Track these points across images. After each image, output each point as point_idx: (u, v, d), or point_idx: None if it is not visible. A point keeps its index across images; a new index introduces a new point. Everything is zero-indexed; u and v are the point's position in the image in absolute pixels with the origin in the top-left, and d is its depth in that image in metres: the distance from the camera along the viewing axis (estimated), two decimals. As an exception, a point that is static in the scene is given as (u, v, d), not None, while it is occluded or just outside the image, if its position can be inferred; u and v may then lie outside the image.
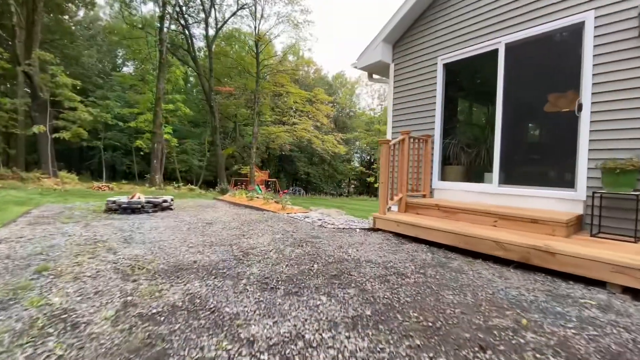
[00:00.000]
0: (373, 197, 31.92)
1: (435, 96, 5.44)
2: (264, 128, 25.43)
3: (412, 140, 5.27)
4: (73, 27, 29.27)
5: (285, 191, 7.78)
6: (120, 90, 24.47)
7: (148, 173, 20.17)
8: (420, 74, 5.68)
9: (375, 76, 6.92)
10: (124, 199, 7.07)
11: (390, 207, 4.89)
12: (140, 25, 22.36)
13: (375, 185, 32.22)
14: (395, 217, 4.58)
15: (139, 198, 7.06)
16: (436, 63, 5.44)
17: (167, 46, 19.81)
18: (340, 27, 75.68)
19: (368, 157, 53.02)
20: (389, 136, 6.29)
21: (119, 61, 39.43)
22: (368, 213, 12.07)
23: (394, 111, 6.13)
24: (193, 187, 18.38)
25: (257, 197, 9.29)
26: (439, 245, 3.94)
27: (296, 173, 44.94)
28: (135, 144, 21.83)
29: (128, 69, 37.20)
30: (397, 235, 4.49)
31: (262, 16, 23.77)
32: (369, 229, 4.93)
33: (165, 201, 7.20)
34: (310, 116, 24.95)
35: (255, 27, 24.37)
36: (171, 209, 7.33)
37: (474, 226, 3.92)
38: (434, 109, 5.44)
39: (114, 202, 6.73)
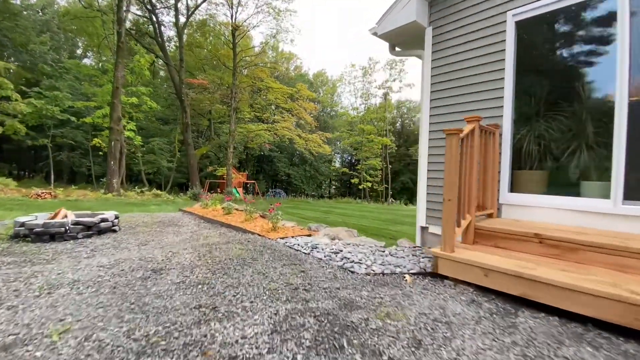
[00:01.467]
0: (358, 200, 30.37)
1: (501, 69, 3.74)
2: (242, 126, 23.18)
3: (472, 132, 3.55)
4: (25, 12, 25.65)
5: (278, 203, 5.69)
6: (73, 80, 21.32)
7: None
8: (476, 39, 3.96)
9: (398, 48, 5.15)
10: (40, 218, 4.87)
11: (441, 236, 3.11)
12: (97, 8, 19.49)
13: (360, 187, 30.77)
14: (474, 257, 2.80)
15: (65, 217, 4.89)
16: (504, 21, 3.73)
17: (128, 29, 17.21)
18: (321, 25, 74.26)
19: (349, 158, 51.77)
20: (423, 131, 4.54)
21: (79, 51, 35.63)
22: (381, 229, 10.33)
23: (433, 93, 4.38)
24: (159, 192, 15.92)
25: (237, 210, 7.27)
26: (576, 317, 2.20)
27: (276, 174, 42.71)
28: (92, 142, 18.95)
29: (90, 60, 33.59)
30: (481, 289, 2.72)
31: (239, 3, 21.56)
32: (425, 274, 3.12)
33: (104, 220, 5.05)
34: (293, 113, 22.97)
35: (231, 16, 22.12)
36: (114, 231, 5.20)
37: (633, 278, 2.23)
38: (499, 89, 3.74)
39: (22, 224, 4.54)
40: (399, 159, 42.56)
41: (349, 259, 3.42)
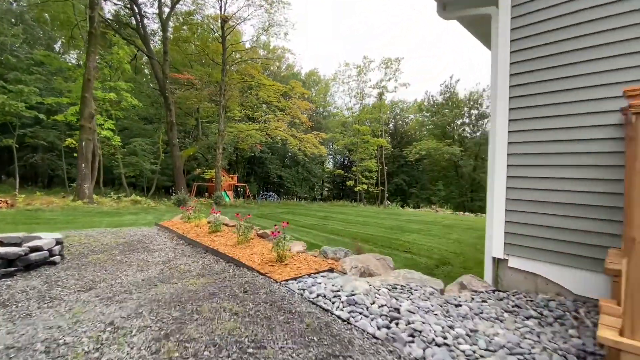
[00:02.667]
0: (353, 203, 29.07)
1: None
2: (231, 125, 21.62)
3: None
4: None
5: (284, 224, 4.11)
6: (45, 74, 19.34)
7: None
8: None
9: (450, 8, 3.81)
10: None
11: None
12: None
13: (356, 190, 29.50)
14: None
15: (-23, 245, 3.40)
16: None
17: (106, 20, 15.53)
18: (314, 19, 73.04)
19: (342, 160, 50.56)
20: (499, 125, 3.22)
21: (57, 47, 33.34)
22: (391, 240, 8.99)
23: (517, 66, 3.05)
24: (139, 198, 14.28)
25: (226, 226, 5.83)
26: None
27: (268, 176, 41.12)
28: (65, 142, 17.12)
29: (72, 58, 31.35)
30: None
31: (228, -6, 20.05)
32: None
33: (37, 250, 3.56)
34: (286, 112, 21.53)
35: (220, 7, 20.59)
36: (52, 264, 3.72)
37: None
38: None
39: None
40: (392, 160, 41.56)
41: (422, 334, 2.04)
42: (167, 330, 2.19)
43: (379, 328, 2.18)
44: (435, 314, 2.32)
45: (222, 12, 20.10)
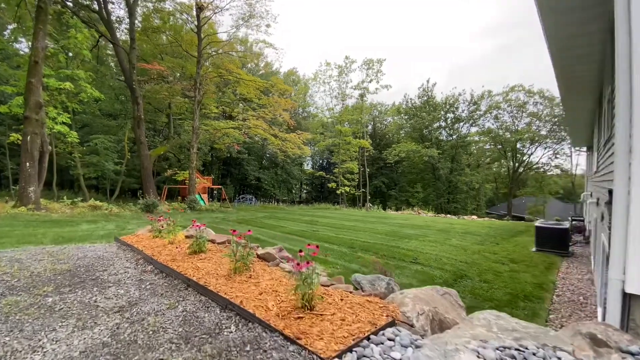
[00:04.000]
0: (336, 205, 28.16)
1: None
2: (207, 123, 19.98)
3: None
4: None
5: (316, 249, 2.92)
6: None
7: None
8: None
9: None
10: None
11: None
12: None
13: (338, 192, 28.60)
14: None
15: None
16: None
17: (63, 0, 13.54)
18: (292, 22, 71.90)
19: (321, 161, 49.67)
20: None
21: (6, 34, 29.78)
22: (392, 249, 7.97)
23: None
24: (99, 202, 12.42)
25: (212, 242, 4.55)
26: None
27: (245, 178, 39.32)
28: (9, 138, 14.82)
29: (22, 47, 28.01)
30: None
31: (204, -19, 18.44)
32: None
33: None
34: (268, 110, 20.19)
35: (195, -5, 18.92)
36: None
37: None
38: None
39: None
40: (371, 162, 41.28)
41: None
42: None
43: None
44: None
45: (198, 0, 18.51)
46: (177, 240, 4.41)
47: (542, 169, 40.96)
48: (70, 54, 18.50)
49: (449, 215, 22.35)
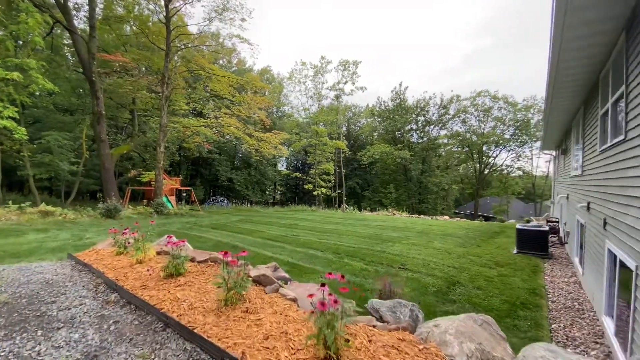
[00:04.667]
0: (313, 207, 27.70)
1: None
2: (176, 120, 18.76)
3: None
4: None
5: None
6: None
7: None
8: None
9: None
10: None
11: None
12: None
13: (315, 194, 28.18)
14: None
15: None
16: None
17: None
18: (267, 21, 70.48)
19: (296, 162, 49.05)
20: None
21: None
22: (379, 254, 7.62)
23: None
24: (52, 208, 11.06)
25: (192, 262, 3.84)
26: None
27: (216, 179, 37.77)
28: (-58, 133, 12.92)
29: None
30: None
31: (173, -32, 17.26)
32: None
33: None
34: (243, 107, 19.29)
35: (163, -16, 17.67)
36: None
37: None
38: None
39: None
40: (346, 163, 41.40)
41: None
42: None
43: None
44: None
45: (166, -12, 17.29)
46: (147, 259, 3.65)
47: (505, 171, 43.26)
48: (20, 42, 16.61)
49: (422, 216, 22.71)
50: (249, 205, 39.60)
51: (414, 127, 42.86)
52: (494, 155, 42.41)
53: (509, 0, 68.46)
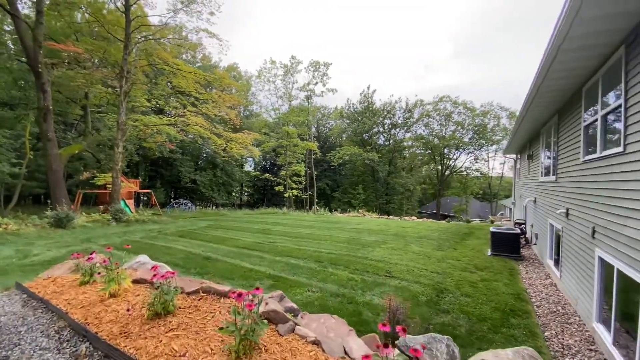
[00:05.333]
0: (284, 209, 27.14)
1: None
2: (136, 117, 17.34)
3: None
4: None
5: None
6: None
7: None
8: None
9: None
10: None
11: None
12: None
13: (285, 195, 27.62)
14: None
15: None
16: None
17: None
18: (236, 16, 68.09)
19: (264, 163, 48.01)
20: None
21: None
22: (363, 261, 7.45)
23: None
24: (-12, 216, 9.57)
25: (183, 294, 3.16)
26: None
27: (178, 181, 35.74)
28: None
29: None
30: None
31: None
32: None
33: None
34: (211, 105, 18.27)
35: (121, -31, 16.22)
36: None
37: None
38: None
39: None
40: (316, 164, 41.33)
41: None
42: None
43: None
44: None
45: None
46: (121, 290, 2.98)
47: (465, 172, 45.83)
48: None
49: (391, 217, 23.19)
50: (214, 207, 38.00)
51: (381, 129, 43.91)
52: (455, 157, 44.74)
53: (469, 12, 72.73)
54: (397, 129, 44.00)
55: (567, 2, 2.91)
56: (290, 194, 26.30)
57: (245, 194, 50.34)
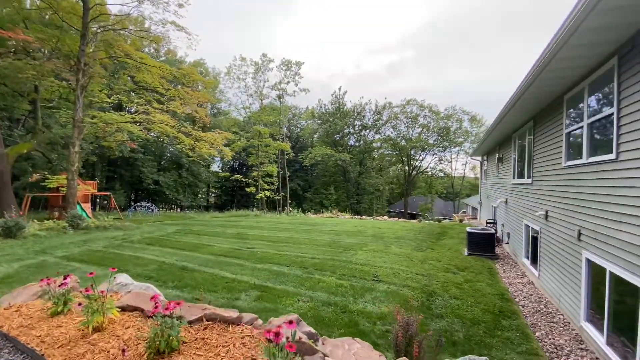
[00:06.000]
0: (256, 211, 26.42)
1: None
2: (94, 114, 15.93)
3: None
4: None
5: None
6: None
7: None
8: None
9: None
10: None
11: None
12: None
13: (258, 197, 26.90)
14: None
15: None
16: None
17: None
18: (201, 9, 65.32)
19: (232, 163, 46.57)
20: None
21: None
22: (348, 265, 7.32)
23: None
24: None
25: (187, 325, 2.58)
26: None
27: (140, 182, 33.56)
28: None
29: None
30: None
31: None
32: None
33: None
34: (179, 103, 17.20)
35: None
36: None
37: None
38: None
39: None
40: (287, 165, 40.88)
41: None
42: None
43: None
44: None
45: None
46: (107, 323, 2.46)
47: (430, 173, 47.79)
48: None
49: (364, 217, 23.47)
50: (179, 210, 36.10)
51: (352, 130, 44.47)
52: (421, 158, 46.48)
53: (429, 17, 75.91)
54: (367, 131, 44.80)
55: (575, 9, 2.95)
56: (263, 195, 25.66)
57: (213, 195, 48.52)
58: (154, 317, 2.14)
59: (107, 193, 22.98)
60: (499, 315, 5.03)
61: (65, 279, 2.57)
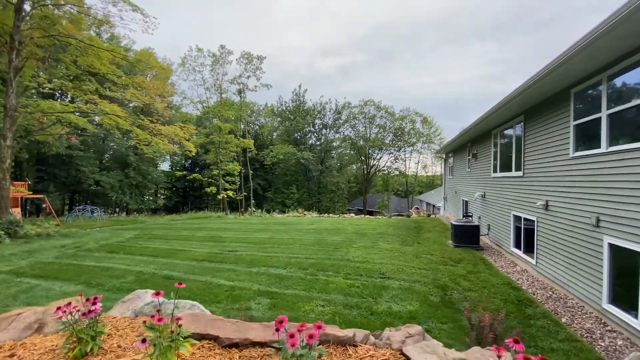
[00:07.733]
0: (219, 213, 24.77)
1: None
2: (29, 102, 13.52)
3: None
4: None
5: None
6: None
7: None
8: None
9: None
10: None
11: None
12: None
13: (219, 197, 25.24)
14: None
15: None
16: None
17: None
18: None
19: (184, 161, 43.52)
20: None
21: None
22: (398, 276, 6.56)
23: None
24: None
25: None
26: None
27: (79, 182, 29.69)
28: None
29: None
30: None
31: None
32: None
33: None
34: (132, 92, 15.26)
35: None
36: None
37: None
38: None
39: None
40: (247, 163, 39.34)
41: None
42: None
43: None
44: None
45: None
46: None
47: (386, 171, 49.58)
48: None
49: (331, 215, 23.36)
50: (125, 214, 32.65)
51: (312, 129, 44.29)
52: (378, 157, 48.02)
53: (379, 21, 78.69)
54: (328, 130, 44.99)
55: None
56: (224, 196, 24.23)
57: (162, 197, 44.84)
58: (280, 350, 1.46)
59: (41, 196, 19.85)
60: (519, 304, 5.10)
61: (92, 300, 1.80)
